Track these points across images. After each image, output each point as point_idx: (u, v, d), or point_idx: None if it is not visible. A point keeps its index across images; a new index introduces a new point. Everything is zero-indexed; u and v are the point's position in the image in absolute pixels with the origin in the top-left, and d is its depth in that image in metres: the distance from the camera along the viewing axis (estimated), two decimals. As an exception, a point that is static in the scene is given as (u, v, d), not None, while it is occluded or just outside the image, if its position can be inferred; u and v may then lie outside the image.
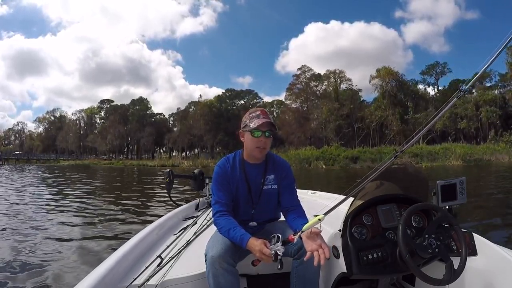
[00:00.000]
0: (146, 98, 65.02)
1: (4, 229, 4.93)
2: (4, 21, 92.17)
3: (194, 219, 2.38)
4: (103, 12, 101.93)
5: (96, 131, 65.53)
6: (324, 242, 1.20)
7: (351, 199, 1.42)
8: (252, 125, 1.46)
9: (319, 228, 1.21)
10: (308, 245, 1.20)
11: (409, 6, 71.11)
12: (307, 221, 1.41)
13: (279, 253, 1.20)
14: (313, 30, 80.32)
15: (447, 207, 1.41)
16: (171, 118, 65.19)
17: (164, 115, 66.23)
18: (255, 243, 1.27)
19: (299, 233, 1.22)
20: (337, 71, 47.82)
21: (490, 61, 1.10)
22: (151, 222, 2.25)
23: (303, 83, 48.44)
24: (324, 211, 1.25)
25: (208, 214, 2.40)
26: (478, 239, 1.33)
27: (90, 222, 5.56)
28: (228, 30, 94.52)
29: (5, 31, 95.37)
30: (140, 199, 8.67)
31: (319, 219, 1.16)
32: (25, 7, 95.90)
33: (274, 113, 53.27)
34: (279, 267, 1.19)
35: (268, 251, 1.22)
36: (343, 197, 1.38)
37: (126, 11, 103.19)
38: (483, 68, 1.14)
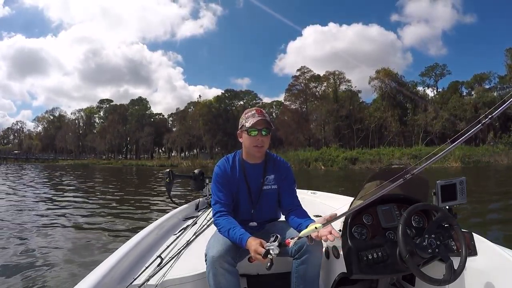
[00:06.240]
0: (146, 98, 65.14)
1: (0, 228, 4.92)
2: (5, 22, 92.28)
3: (194, 219, 2.38)
4: (103, 15, 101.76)
5: (95, 131, 65.41)
6: (334, 229, 1.19)
7: (351, 199, 1.42)
8: (247, 124, 1.47)
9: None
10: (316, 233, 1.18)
11: (404, 10, 71.61)
12: (309, 221, 1.41)
13: (272, 252, 1.17)
14: (311, 32, 79.86)
15: (447, 207, 1.41)
16: (170, 118, 65.21)
17: (163, 115, 66.31)
18: (252, 243, 1.27)
19: (295, 238, 1.21)
20: (337, 72, 47.89)
21: None
22: (151, 222, 2.24)
23: (302, 84, 48.46)
24: (326, 212, 1.25)
25: (208, 214, 2.40)
26: (478, 239, 1.33)
27: (89, 222, 5.54)
28: (227, 32, 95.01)
29: (6, 32, 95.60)
30: (140, 199, 8.65)
31: (316, 227, 1.14)
32: (27, 8, 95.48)
33: (273, 114, 53.32)
34: (268, 265, 1.16)
35: (262, 250, 1.20)
36: (343, 196, 1.38)
37: (126, 14, 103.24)
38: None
